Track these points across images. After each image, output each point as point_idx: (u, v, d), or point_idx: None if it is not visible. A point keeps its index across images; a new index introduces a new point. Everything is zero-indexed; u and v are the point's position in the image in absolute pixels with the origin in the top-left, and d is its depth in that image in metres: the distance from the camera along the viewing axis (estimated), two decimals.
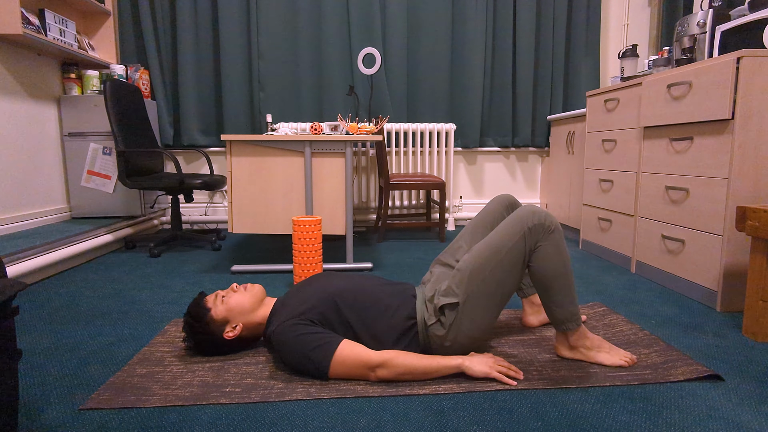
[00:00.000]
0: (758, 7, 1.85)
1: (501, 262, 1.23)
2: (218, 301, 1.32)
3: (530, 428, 1.01)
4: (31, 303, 1.85)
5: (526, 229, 1.23)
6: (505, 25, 3.46)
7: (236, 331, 1.31)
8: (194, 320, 1.30)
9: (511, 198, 1.53)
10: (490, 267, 1.24)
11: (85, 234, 2.53)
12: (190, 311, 1.32)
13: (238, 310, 1.32)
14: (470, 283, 1.24)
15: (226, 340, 1.32)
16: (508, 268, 1.24)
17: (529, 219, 1.24)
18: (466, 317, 1.24)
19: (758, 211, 1.42)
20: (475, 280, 1.24)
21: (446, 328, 1.25)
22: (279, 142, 2.17)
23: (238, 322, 1.32)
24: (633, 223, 2.28)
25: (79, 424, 1.03)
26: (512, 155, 3.75)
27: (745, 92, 1.63)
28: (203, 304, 1.32)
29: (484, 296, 1.24)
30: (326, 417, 1.05)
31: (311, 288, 1.32)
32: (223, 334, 1.31)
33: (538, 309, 1.59)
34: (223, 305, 1.31)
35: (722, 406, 1.09)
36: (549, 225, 1.24)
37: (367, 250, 2.84)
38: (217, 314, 1.30)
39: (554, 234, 1.24)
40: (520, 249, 1.23)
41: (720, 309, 1.74)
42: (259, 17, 3.34)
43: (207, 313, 1.30)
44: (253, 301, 1.34)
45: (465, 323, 1.24)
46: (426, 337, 1.28)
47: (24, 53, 2.67)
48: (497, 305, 1.26)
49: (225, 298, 1.33)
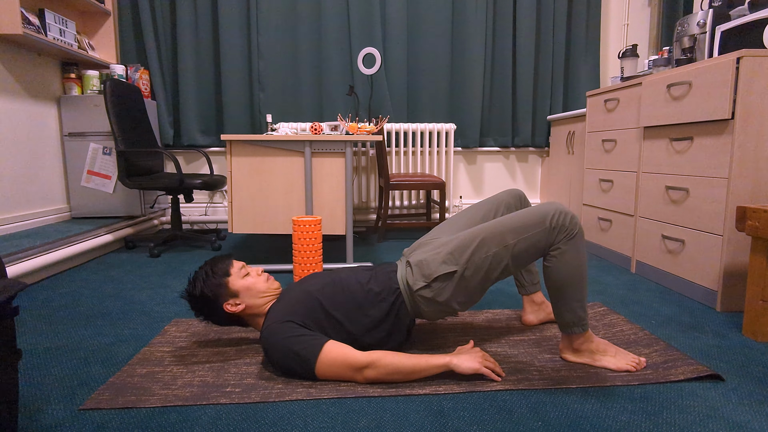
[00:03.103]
0: (758, 7, 1.85)
1: (513, 246, 1.22)
2: (242, 272, 1.32)
3: (530, 428, 1.01)
4: (31, 303, 1.85)
5: (549, 226, 1.22)
6: (505, 25, 3.46)
7: (236, 308, 1.30)
8: (213, 273, 1.30)
9: (522, 193, 1.53)
10: (500, 245, 1.23)
11: (85, 234, 2.53)
12: (213, 264, 1.31)
13: (252, 293, 1.31)
14: (473, 255, 1.23)
15: (222, 309, 1.30)
16: (518, 253, 1.23)
17: (554, 216, 1.22)
18: (461, 286, 1.24)
19: (758, 211, 1.42)
20: (480, 253, 1.23)
21: (434, 291, 1.25)
22: (279, 142, 2.17)
23: (243, 302, 1.31)
24: (633, 223, 2.28)
25: (79, 424, 1.03)
26: (512, 155, 3.75)
27: (745, 92, 1.63)
28: (227, 267, 1.32)
29: (484, 270, 1.24)
30: (326, 417, 1.05)
31: (298, 290, 1.32)
32: (223, 304, 1.30)
33: (537, 308, 1.59)
34: (243, 280, 1.31)
35: (722, 406, 1.09)
36: (572, 228, 1.22)
37: (367, 250, 2.84)
38: (233, 283, 1.30)
39: (575, 238, 1.23)
40: (537, 242, 1.22)
41: (720, 309, 1.74)
42: (259, 17, 3.34)
43: (227, 276, 1.30)
44: (268, 294, 1.33)
45: (459, 291, 1.25)
46: (413, 303, 1.28)
47: (24, 53, 2.67)
48: (494, 280, 1.27)
49: (248, 277, 1.33)
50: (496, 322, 1.63)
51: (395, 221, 3.06)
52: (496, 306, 1.81)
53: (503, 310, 1.76)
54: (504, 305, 1.82)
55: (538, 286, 1.59)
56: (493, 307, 1.80)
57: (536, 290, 1.59)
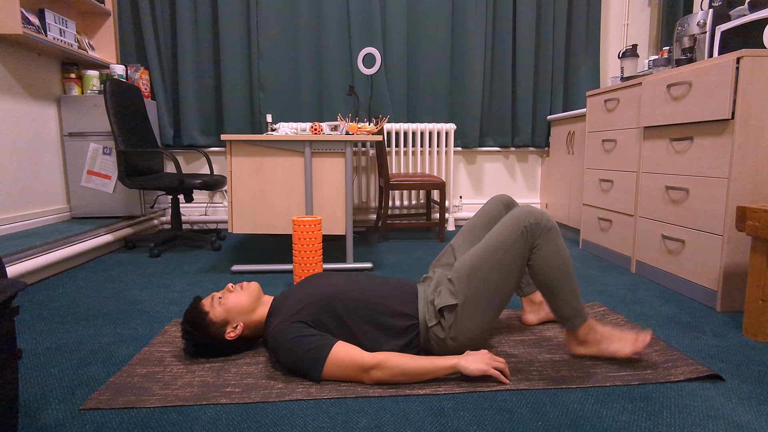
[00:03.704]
0: (758, 7, 1.85)
1: (499, 263, 1.24)
2: (215, 303, 1.31)
3: (530, 428, 1.01)
4: (31, 303, 1.85)
5: (523, 228, 1.23)
6: (505, 25, 3.46)
7: (237, 330, 1.30)
8: (192, 327, 1.28)
9: (508, 198, 1.54)
10: (489, 267, 1.24)
11: (85, 234, 2.53)
12: (187, 318, 1.29)
13: (237, 309, 1.30)
14: (469, 284, 1.24)
15: (228, 341, 1.31)
16: (507, 268, 1.24)
17: (524, 218, 1.24)
18: (466, 318, 1.24)
19: (758, 211, 1.42)
20: (474, 281, 1.24)
21: (446, 330, 1.25)
22: (279, 142, 2.17)
23: (238, 321, 1.31)
24: (633, 223, 2.28)
25: (79, 424, 1.03)
26: (512, 155, 3.75)
27: (745, 92, 1.63)
28: (200, 309, 1.30)
29: (483, 297, 1.24)
30: (326, 417, 1.05)
31: (308, 288, 1.31)
32: (224, 336, 1.30)
33: (537, 307, 1.59)
34: (221, 306, 1.30)
35: (722, 406, 1.09)
36: (545, 223, 1.24)
37: (367, 250, 2.84)
38: (216, 316, 1.29)
39: (551, 232, 1.24)
40: (518, 248, 1.23)
41: (720, 309, 1.74)
42: (259, 17, 3.34)
43: (205, 317, 1.29)
44: (251, 300, 1.33)
45: (465, 324, 1.24)
46: (427, 338, 1.28)
47: (24, 53, 2.67)
48: (497, 305, 1.26)
49: (222, 299, 1.31)
50: (496, 321, 1.63)
51: (395, 221, 3.06)
52: None
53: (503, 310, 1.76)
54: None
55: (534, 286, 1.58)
56: None
57: (534, 290, 1.60)
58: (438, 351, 1.28)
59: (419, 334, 1.28)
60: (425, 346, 1.29)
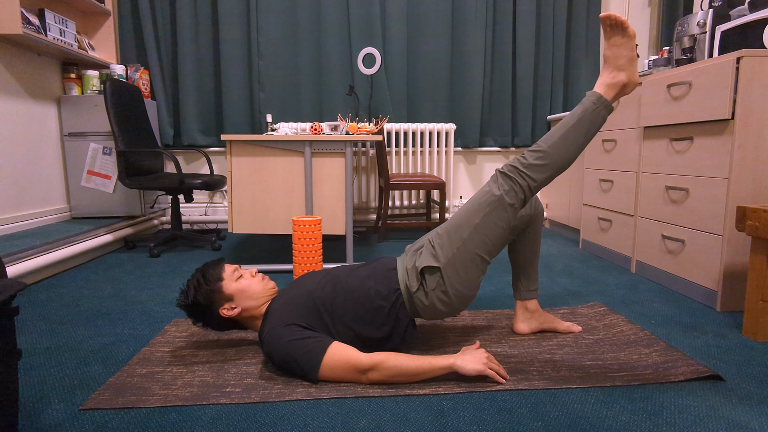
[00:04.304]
0: (758, 7, 1.85)
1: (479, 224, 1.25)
2: (235, 275, 1.32)
3: (530, 428, 1.01)
4: (31, 303, 1.85)
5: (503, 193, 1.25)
6: (505, 25, 3.46)
7: (233, 312, 1.29)
8: (204, 280, 1.29)
9: None
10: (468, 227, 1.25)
11: (85, 234, 2.53)
12: (205, 270, 1.31)
13: (247, 295, 1.31)
14: (450, 245, 1.26)
15: (219, 315, 1.30)
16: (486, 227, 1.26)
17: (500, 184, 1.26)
18: (450, 279, 1.25)
19: (758, 211, 1.42)
20: (454, 241, 1.25)
21: (429, 294, 1.26)
22: (279, 142, 2.17)
23: (239, 305, 1.30)
24: (633, 223, 2.28)
25: (79, 424, 1.03)
26: (512, 155, 3.75)
27: (745, 92, 1.63)
28: (219, 272, 1.31)
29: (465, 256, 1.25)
30: (326, 417, 1.05)
31: (297, 290, 1.31)
32: (219, 309, 1.30)
33: (530, 316, 1.53)
34: (237, 283, 1.30)
35: (722, 406, 1.09)
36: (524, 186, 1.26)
37: (367, 250, 2.84)
38: (226, 288, 1.30)
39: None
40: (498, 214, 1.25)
41: (720, 309, 1.74)
42: (259, 17, 3.34)
43: (219, 282, 1.30)
44: (263, 295, 1.33)
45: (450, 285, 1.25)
46: (413, 305, 1.29)
47: (24, 53, 2.67)
48: (481, 262, 1.27)
49: (241, 279, 1.32)
50: (496, 322, 1.63)
51: (395, 221, 3.06)
52: (496, 306, 1.81)
53: (503, 310, 1.76)
54: (504, 305, 1.82)
55: (535, 293, 1.52)
56: (493, 307, 1.80)
57: (532, 297, 1.52)
58: (427, 316, 1.30)
59: (404, 304, 1.28)
60: (412, 311, 1.30)
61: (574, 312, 1.72)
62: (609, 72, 1.26)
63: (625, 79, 1.25)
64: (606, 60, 1.27)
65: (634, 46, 1.24)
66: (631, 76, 1.25)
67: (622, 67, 1.25)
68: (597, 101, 1.25)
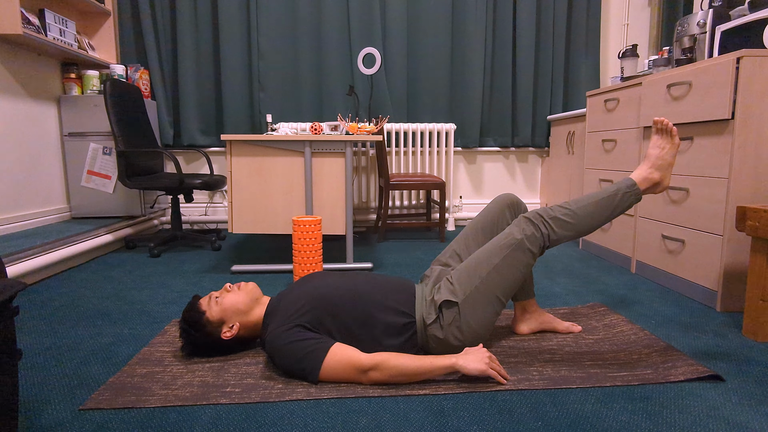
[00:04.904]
0: (758, 7, 1.85)
1: (498, 266, 1.27)
2: (212, 302, 1.31)
3: (530, 428, 1.01)
4: (31, 303, 1.85)
5: (520, 239, 1.28)
6: (505, 25, 3.46)
7: (233, 330, 1.30)
8: (190, 326, 1.29)
9: (512, 197, 1.52)
10: (487, 270, 1.27)
11: (85, 234, 2.53)
12: (185, 317, 1.30)
13: (234, 309, 1.31)
14: (469, 284, 1.26)
15: (223, 340, 1.31)
16: (505, 270, 1.27)
17: (520, 231, 1.29)
18: (468, 316, 1.25)
19: (758, 211, 1.42)
20: (474, 281, 1.26)
21: (444, 329, 1.25)
22: (279, 142, 2.17)
23: (234, 321, 1.31)
24: (633, 223, 2.28)
25: (79, 424, 1.03)
26: (512, 155, 3.75)
27: (745, 92, 1.63)
28: (197, 308, 1.31)
29: (483, 296, 1.26)
30: (326, 417, 1.05)
31: (304, 289, 1.30)
32: (220, 335, 1.30)
33: (530, 317, 1.53)
34: (218, 306, 1.30)
35: (722, 406, 1.09)
36: (542, 236, 1.29)
37: (367, 250, 2.84)
38: (212, 316, 1.29)
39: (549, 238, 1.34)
40: (516, 257, 1.28)
41: (720, 309, 1.74)
42: (259, 17, 3.34)
43: (202, 316, 1.29)
44: (248, 300, 1.33)
45: (468, 322, 1.25)
46: (425, 337, 1.28)
47: (24, 53, 2.67)
48: (498, 304, 1.28)
49: (219, 299, 1.31)
50: (496, 322, 1.63)
51: (395, 221, 3.06)
52: None
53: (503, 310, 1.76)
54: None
55: (532, 293, 1.53)
56: None
57: (530, 297, 1.53)
58: (437, 349, 1.28)
59: (416, 333, 1.28)
60: (423, 345, 1.29)
61: (574, 312, 1.72)
62: (647, 167, 1.35)
63: (658, 179, 1.34)
64: (648, 156, 1.35)
65: (675, 153, 1.34)
66: (664, 179, 1.34)
67: (660, 167, 1.34)
68: (630, 187, 1.33)
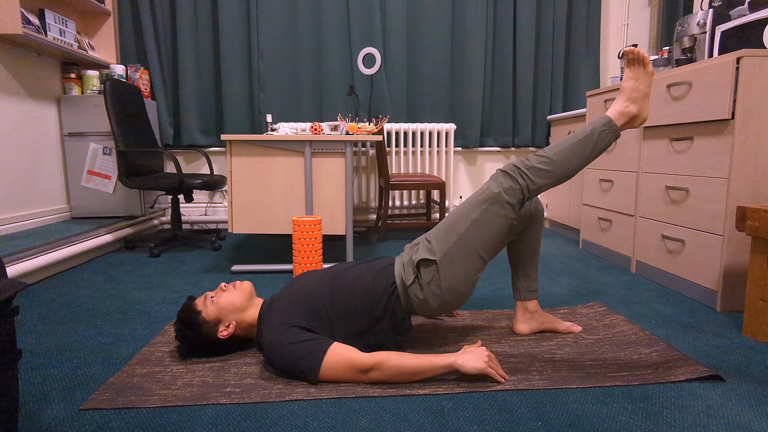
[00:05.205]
0: (758, 7, 1.85)
1: (476, 221, 1.26)
2: (208, 302, 1.32)
3: (530, 428, 1.01)
4: (31, 303, 1.85)
5: (501, 191, 1.26)
6: (505, 25, 3.46)
7: (230, 329, 1.30)
8: (185, 326, 1.30)
9: None
10: (464, 224, 1.27)
11: (85, 234, 2.53)
12: (180, 318, 1.31)
13: (229, 308, 1.31)
14: (446, 240, 1.27)
15: (220, 339, 1.31)
16: (483, 224, 1.26)
17: (500, 182, 1.27)
18: (447, 272, 1.26)
19: (758, 211, 1.42)
20: (451, 237, 1.27)
21: (424, 288, 1.27)
22: (279, 142, 2.17)
23: (231, 320, 1.31)
24: (633, 223, 2.28)
25: (79, 424, 1.03)
26: (512, 155, 3.75)
27: (745, 92, 1.63)
28: (192, 308, 1.31)
29: (461, 251, 1.26)
30: (326, 417, 1.05)
31: (295, 289, 1.32)
32: (217, 335, 1.30)
33: (531, 316, 1.52)
34: (214, 305, 1.31)
35: (722, 406, 1.09)
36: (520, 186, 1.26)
37: (367, 250, 2.84)
38: (208, 315, 1.30)
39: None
40: (495, 211, 1.26)
41: (720, 309, 1.74)
42: (259, 17, 3.34)
43: (198, 316, 1.30)
44: (244, 299, 1.33)
45: (446, 278, 1.26)
46: (407, 299, 1.30)
47: (24, 53, 2.67)
48: (477, 259, 1.28)
49: (215, 298, 1.32)
50: (496, 322, 1.63)
51: (395, 221, 3.06)
52: (496, 306, 1.81)
53: (503, 310, 1.76)
54: (504, 305, 1.82)
55: (535, 294, 1.52)
56: (493, 307, 1.80)
57: (532, 297, 1.52)
58: (422, 312, 1.31)
59: (399, 298, 1.29)
60: (408, 308, 1.31)
61: (574, 312, 1.72)
62: (623, 101, 1.30)
63: (635, 111, 1.29)
64: (622, 90, 1.31)
65: (650, 83, 1.28)
66: (641, 111, 1.29)
67: (635, 99, 1.29)
68: (607, 124, 1.28)
